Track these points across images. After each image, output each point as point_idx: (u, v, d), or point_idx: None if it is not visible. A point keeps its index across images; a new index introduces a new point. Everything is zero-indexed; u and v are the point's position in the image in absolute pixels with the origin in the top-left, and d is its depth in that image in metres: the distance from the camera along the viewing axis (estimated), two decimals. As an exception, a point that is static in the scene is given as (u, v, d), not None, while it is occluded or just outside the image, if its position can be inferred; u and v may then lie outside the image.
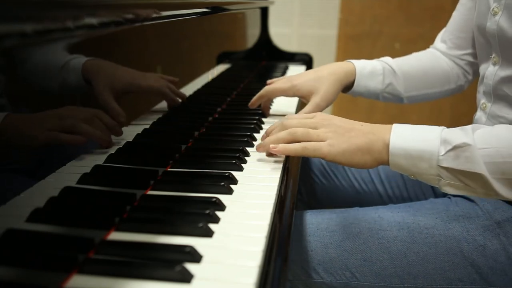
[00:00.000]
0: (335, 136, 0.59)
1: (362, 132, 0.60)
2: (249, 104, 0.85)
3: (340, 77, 0.83)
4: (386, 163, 0.58)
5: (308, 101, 0.81)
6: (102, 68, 0.54)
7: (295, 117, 0.66)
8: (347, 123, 0.62)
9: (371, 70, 0.85)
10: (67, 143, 0.51)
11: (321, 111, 0.80)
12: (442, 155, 0.55)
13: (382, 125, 0.61)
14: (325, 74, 0.82)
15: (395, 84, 0.88)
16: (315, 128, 0.61)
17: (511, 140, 0.54)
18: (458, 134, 0.55)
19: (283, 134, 0.62)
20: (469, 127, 0.57)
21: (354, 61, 0.86)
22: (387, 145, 0.57)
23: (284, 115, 0.90)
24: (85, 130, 0.52)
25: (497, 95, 0.73)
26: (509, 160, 0.53)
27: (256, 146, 0.65)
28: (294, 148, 0.60)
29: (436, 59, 0.92)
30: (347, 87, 0.86)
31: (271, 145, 0.61)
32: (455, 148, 0.54)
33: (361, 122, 0.62)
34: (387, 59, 0.89)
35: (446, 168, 0.55)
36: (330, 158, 0.58)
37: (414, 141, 0.56)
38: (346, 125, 0.61)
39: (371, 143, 0.58)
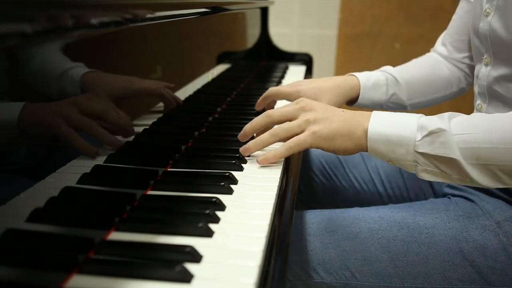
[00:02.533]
0: (317, 123, 0.60)
1: (343, 118, 0.60)
2: (255, 106, 0.86)
3: (345, 91, 0.84)
4: (366, 149, 0.60)
5: None
6: (99, 79, 0.54)
7: (279, 109, 0.65)
8: (329, 109, 0.62)
9: (374, 82, 0.86)
10: (80, 150, 0.54)
11: None
12: (418, 140, 0.56)
13: (362, 112, 0.62)
14: (330, 86, 0.82)
15: (398, 93, 0.89)
16: (297, 116, 0.62)
17: (485, 126, 0.55)
18: (434, 121, 0.56)
19: (266, 137, 0.62)
20: (446, 114, 0.58)
21: (357, 74, 0.87)
22: (366, 131, 0.58)
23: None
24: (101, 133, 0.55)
25: (492, 95, 0.74)
26: (483, 145, 0.54)
27: (241, 150, 0.64)
28: (280, 153, 0.60)
29: (437, 64, 0.93)
30: (351, 101, 0.87)
31: (259, 159, 0.62)
32: (430, 133, 0.55)
33: (342, 109, 0.63)
34: (389, 68, 0.90)
35: (422, 154, 0.56)
36: (314, 145, 0.60)
37: (392, 126, 0.57)
38: (327, 111, 0.62)
39: (351, 129, 0.59)
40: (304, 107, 0.62)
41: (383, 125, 0.58)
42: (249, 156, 0.65)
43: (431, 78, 0.92)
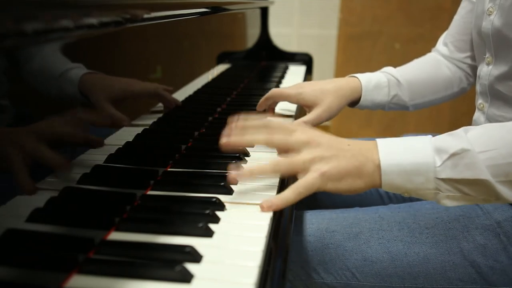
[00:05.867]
0: (323, 161, 0.53)
1: (351, 153, 0.54)
2: (257, 106, 0.86)
3: (346, 93, 0.83)
4: (378, 185, 0.53)
5: (309, 111, 0.81)
6: (98, 81, 0.54)
7: (277, 128, 0.57)
8: (334, 142, 0.56)
9: (376, 84, 0.86)
10: (52, 166, 0.47)
11: (321, 123, 0.80)
12: (439, 166, 0.51)
13: (367, 142, 0.56)
14: (332, 88, 0.82)
15: (400, 94, 0.88)
16: (299, 150, 0.54)
17: (507, 139, 0.51)
18: (452, 141, 0.52)
19: (267, 168, 0.54)
20: (459, 130, 0.53)
21: (359, 75, 0.87)
22: (378, 165, 0.53)
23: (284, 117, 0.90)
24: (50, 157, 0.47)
25: (493, 95, 0.74)
26: (511, 160, 0.50)
27: (232, 177, 0.54)
28: (289, 199, 0.52)
29: (438, 65, 0.93)
30: (353, 102, 0.87)
31: (265, 205, 0.51)
32: (452, 156, 0.50)
33: (347, 141, 0.57)
34: (390, 69, 0.90)
35: (444, 180, 0.51)
36: (322, 188, 0.53)
37: (405, 154, 0.52)
38: (333, 147, 0.55)
39: (361, 166, 0.53)
40: (309, 142, 0.54)
41: (394, 154, 0.53)
42: (236, 184, 0.57)
43: (432, 78, 0.92)
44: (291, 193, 0.52)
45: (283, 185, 0.59)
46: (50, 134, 0.46)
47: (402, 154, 0.52)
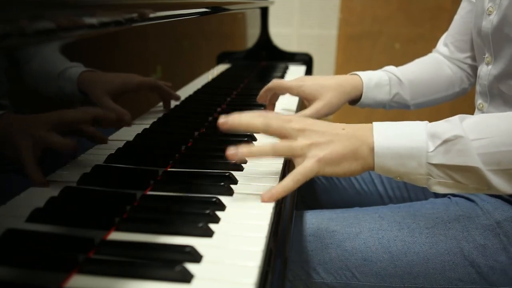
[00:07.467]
0: (319, 147, 0.55)
1: (346, 137, 0.55)
2: (258, 98, 0.86)
3: (347, 90, 0.84)
4: (372, 167, 0.55)
5: (309, 105, 0.81)
6: (96, 77, 0.54)
7: (275, 117, 0.58)
8: (329, 128, 0.57)
9: (377, 82, 0.86)
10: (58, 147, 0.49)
11: (320, 118, 0.80)
12: (431, 151, 0.52)
13: (362, 125, 0.57)
14: (333, 84, 0.82)
15: (401, 93, 0.88)
16: (295, 138, 0.56)
17: (503, 128, 0.52)
18: (446, 127, 0.52)
19: (267, 150, 0.56)
20: (455, 118, 0.54)
21: (360, 73, 0.87)
22: (372, 148, 0.54)
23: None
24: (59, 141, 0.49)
25: (493, 94, 0.74)
26: (505, 149, 0.51)
27: (230, 153, 0.55)
28: (288, 187, 0.54)
29: (439, 65, 0.93)
30: (354, 100, 0.87)
31: (265, 197, 0.53)
32: (445, 142, 0.51)
33: (342, 125, 0.58)
34: (392, 68, 0.90)
35: (436, 165, 0.52)
36: (320, 173, 0.55)
37: (399, 138, 0.53)
38: (328, 130, 0.56)
39: (355, 149, 0.55)
40: (305, 130, 0.56)
41: (389, 138, 0.54)
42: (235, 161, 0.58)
43: (434, 78, 0.92)
44: (290, 181, 0.54)
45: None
46: (58, 121, 0.48)
47: (397, 138, 0.54)
